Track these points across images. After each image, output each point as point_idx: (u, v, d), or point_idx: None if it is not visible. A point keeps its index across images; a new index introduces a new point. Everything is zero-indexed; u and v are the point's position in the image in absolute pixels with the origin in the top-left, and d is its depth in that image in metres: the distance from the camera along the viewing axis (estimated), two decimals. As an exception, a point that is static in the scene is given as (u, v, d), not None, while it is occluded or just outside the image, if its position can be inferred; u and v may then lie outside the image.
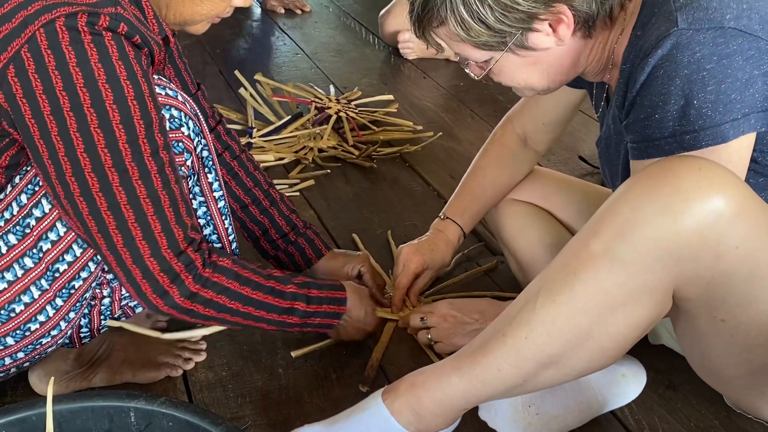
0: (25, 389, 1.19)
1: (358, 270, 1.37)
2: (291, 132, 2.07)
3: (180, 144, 1.07)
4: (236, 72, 2.25)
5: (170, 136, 1.05)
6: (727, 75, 0.91)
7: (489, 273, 1.55)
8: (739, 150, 0.94)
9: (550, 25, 0.99)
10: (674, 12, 0.93)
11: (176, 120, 1.06)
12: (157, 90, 1.04)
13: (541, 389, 1.01)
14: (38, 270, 1.02)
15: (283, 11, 3.34)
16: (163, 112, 1.04)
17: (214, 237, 1.18)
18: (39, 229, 1.01)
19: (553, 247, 1.31)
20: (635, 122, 0.98)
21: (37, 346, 1.06)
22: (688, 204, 0.84)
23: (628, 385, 1.17)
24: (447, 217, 1.43)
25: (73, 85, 0.92)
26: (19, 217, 1.01)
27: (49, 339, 1.07)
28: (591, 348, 0.93)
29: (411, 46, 2.78)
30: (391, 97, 2.34)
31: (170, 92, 1.06)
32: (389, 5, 2.88)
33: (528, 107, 1.40)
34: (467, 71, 1.11)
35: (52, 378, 0.94)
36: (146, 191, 0.97)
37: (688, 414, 1.19)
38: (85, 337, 1.15)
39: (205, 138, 1.12)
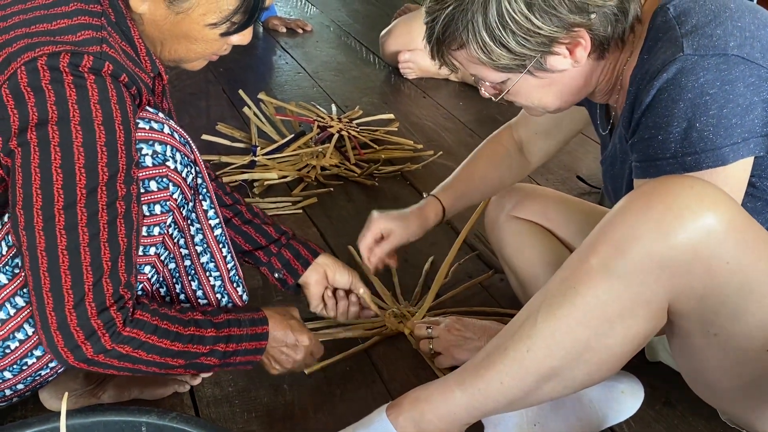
0: (35, 404, 1.20)
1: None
2: (294, 150, 2.10)
3: (164, 179, 1.04)
4: (240, 91, 2.28)
5: (153, 171, 1.03)
6: (728, 100, 0.93)
7: (488, 289, 1.57)
8: (736, 173, 0.96)
9: (568, 48, 1.01)
10: (680, 38, 0.95)
11: (159, 155, 1.03)
12: (141, 124, 1.02)
13: (543, 402, 1.04)
14: (30, 309, 1.00)
15: (284, 30, 3.37)
16: (146, 148, 1.02)
17: (211, 265, 1.16)
18: None
19: (553, 264, 1.33)
20: (639, 142, 1.00)
21: (36, 378, 1.06)
22: (681, 221, 0.88)
23: (627, 401, 1.20)
24: (431, 195, 1.43)
25: (46, 122, 0.91)
26: (8, 257, 1.00)
27: (48, 370, 1.06)
28: (590, 360, 0.95)
29: (411, 66, 2.81)
30: (391, 116, 2.37)
31: (155, 125, 1.03)
32: (390, 26, 2.91)
33: (525, 116, 1.43)
34: (481, 91, 1.11)
35: (66, 393, 0.94)
36: (89, 239, 0.94)
37: (685, 430, 1.21)
38: None
39: (198, 166, 1.10)
